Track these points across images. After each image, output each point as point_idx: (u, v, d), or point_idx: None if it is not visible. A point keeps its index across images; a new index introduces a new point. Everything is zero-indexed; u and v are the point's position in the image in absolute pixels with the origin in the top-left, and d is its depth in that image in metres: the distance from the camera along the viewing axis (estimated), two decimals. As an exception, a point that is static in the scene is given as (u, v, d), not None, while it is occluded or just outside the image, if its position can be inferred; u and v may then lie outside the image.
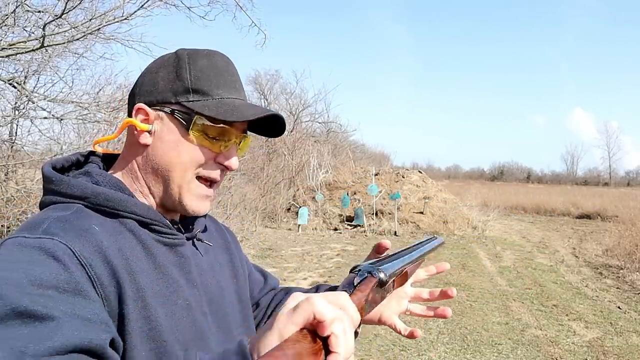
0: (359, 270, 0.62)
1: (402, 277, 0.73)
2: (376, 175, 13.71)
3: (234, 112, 0.73)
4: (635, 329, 5.02)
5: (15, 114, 5.43)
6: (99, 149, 0.83)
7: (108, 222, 0.68)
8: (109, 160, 0.82)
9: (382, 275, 0.62)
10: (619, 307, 5.81)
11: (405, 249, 0.79)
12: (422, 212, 12.16)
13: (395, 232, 11.08)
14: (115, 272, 0.62)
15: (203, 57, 0.76)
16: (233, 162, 0.77)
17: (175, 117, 0.73)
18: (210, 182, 0.77)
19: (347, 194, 12.67)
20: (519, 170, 70.72)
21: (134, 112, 0.74)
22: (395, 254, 0.74)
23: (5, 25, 4.22)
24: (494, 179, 63.91)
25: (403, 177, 13.89)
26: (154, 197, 0.75)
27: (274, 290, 1.05)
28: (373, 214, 11.92)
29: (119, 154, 0.81)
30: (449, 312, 0.87)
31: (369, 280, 0.61)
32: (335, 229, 11.58)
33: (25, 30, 4.71)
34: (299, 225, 11.41)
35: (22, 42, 4.49)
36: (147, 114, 0.74)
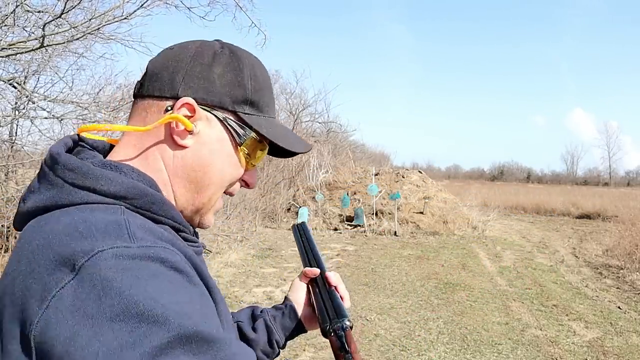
0: (333, 330, 0.74)
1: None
2: (376, 175, 13.70)
3: (287, 138, 0.70)
4: (635, 329, 5.01)
5: (15, 114, 5.44)
6: (95, 136, 0.69)
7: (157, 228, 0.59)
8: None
9: (349, 323, 0.76)
10: (619, 307, 5.81)
11: (307, 258, 0.95)
12: (422, 212, 12.16)
13: (395, 232, 11.08)
14: (206, 285, 0.58)
15: (260, 66, 0.70)
16: (255, 179, 0.73)
17: (228, 127, 0.65)
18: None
19: (347, 194, 12.67)
20: (519, 170, 70.68)
21: (178, 104, 0.62)
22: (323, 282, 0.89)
23: (5, 25, 4.22)
24: (494, 179, 63.89)
25: (403, 177, 13.88)
26: (175, 204, 0.66)
27: None
28: (373, 214, 11.92)
29: (113, 145, 0.69)
30: None
31: (348, 334, 0.73)
32: (335, 229, 11.58)
33: (25, 30, 4.71)
34: (299, 225, 11.40)
35: (22, 42, 4.49)
36: (194, 112, 0.63)
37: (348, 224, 11.78)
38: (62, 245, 0.49)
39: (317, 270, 0.92)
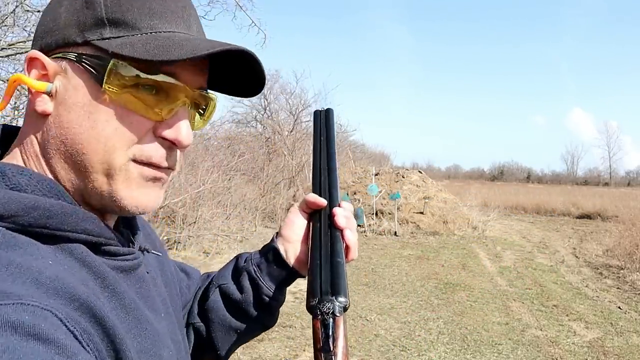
0: (321, 312, 0.56)
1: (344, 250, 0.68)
2: (376, 175, 13.70)
3: (173, 48, 0.45)
4: (635, 329, 5.01)
5: (14, 114, 5.43)
6: None
7: (49, 251, 0.44)
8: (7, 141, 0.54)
9: (344, 303, 0.57)
10: (619, 308, 5.80)
11: (319, 153, 0.71)
12: (422, 212, 12.15)
13: (395, 232, 11.08)
14: (104, 327, 0.43)
15: None
16: (183, 133, 0.50)
17: (84, 65, 0.46)
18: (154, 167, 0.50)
19: (347, 194, 12.67)
20: (519, 170, 70.69)
21: (25, 64, 0.48)
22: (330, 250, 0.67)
23: (5, 25, 4.22)
24: (494, 179, 63.90)
25: (403, 177, 13.88)
26: (69, 192, 0.49)
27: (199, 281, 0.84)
28: (373, 214, 11.92)
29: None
30: None
31: (338, 321, 0.56)
32: (335, 229, 11.57)
33: (25, 30, 4.71)
34: (299, 225, 11.40)
35: (22, 42, 4.49)
36: (44, 67, 0.47)
37: (348, 224, 11.78)
38: None
39: (323, 202, 0.70)
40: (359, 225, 11.51)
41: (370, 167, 14.89)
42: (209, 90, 0.55)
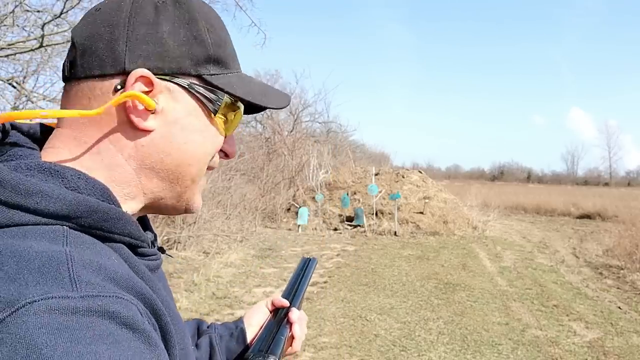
0: (250, 358, 0.69)
1: (289, 339, 0.80)
2: (376, 175, 13.69)
3: (267, 94, 0.59)
4: (635, 329, 5.00)
5: (14, 113, 5.42)
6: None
7: (109, 251, 0.48)
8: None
9: None
10: (619, 308, 5.80)
11: (292, 290, 0.86)
12: (422, 212, 12.14)
13: (395, 232, 11.07)
14: (161, 325, 0.47)
15: (213, 12, 0.57)
16: (234, 147, 0.62)
17: (197, 95, 0.53)
18: None
19: (347, 194, 12.66)
20: (519, 170, 70.73)
21: (131, 79, 0.50)
22: (281, 312, 0.82)
23: (4, 25, 4.22)
24: (494, 179, 63.91)
25: (403, 177, 13.87)
26: (142, 202, 0.55)
27: None
28: (373, 214, 11.91)
29: (49, 128, 0.55)
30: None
31: None
32: (335, 229, 11.57)
33: (25, 30, 4.71)
34: (299, 225, 11.40)
35: (21, 41, 4.48)
36: (151, 85, 0.51)
37: (348, 224, 11.77)
38: None
39: (286, 302, 0.83)
40: (359, 225, 11.51)
41: (370, 167, 14.88)
42: None
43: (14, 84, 5.06)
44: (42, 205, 0.44)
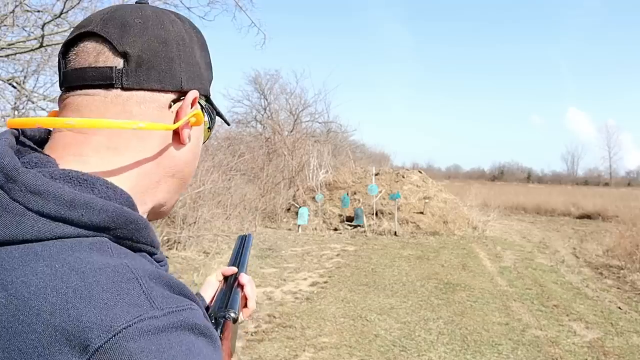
0: (215, 317, 0.73)
1: (243, 299, 0.86)
2: (376, 175, 13.69)
3: (223, 115, 0.67)
4: (635, 329, 5.00)
5: (14, 114, 5.42)
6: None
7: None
8: None
9: (233, 315, 0.75)
10: (619, 308, 5.80)
11: (236, 260, 0.92)
12: (422, 212, 12.14)
13: (395, 232, 11.07)
14: None
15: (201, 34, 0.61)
16: None
17: (204, 112, 0.58)
18: None
19: (347, 194, 12.66)
20: (519, 170, 70.74)
21: (189, 98, 0.54)
22: (232, 277, 0.88)
23: (5, 25, 4.22)
24: (494, 179, 63.88)
25: (403, 177, 13.87)
26: (149, 208, 0.56)
27: None
28: (373, 214, 11.91)
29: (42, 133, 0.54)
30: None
31: (226, 325, 0.72)
32: (335, 229, 11.57)
33: (25, 30, 4.71)
34: (299, 225, 11.40)
35: (22, 41, 4.49)
36: (194, 104, 0.56)
37: (348, 224, 11.78)
38: (55, 312, 0.37)
39: (234, 269, 0.89)
40: (359, 225, 11.51)
41: (370, 167, 14.88)
42: None
43: (14, 84, 5.06)
44: (86, 217, 0.42)
